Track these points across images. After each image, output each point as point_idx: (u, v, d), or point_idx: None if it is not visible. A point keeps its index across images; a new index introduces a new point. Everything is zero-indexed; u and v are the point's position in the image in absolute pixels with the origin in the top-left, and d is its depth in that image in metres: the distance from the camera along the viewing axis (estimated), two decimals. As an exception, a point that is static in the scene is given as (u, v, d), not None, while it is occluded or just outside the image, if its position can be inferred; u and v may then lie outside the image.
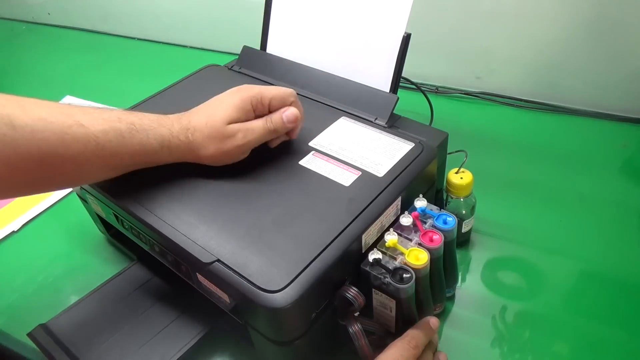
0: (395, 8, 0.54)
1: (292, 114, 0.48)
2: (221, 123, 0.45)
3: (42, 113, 0.39)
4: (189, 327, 0.49)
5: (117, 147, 0.42)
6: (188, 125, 0.46)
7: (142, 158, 0.44)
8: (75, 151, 0.40)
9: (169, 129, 0.45)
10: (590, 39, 0.71)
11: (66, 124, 0.40)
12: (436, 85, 0.84)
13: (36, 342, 0.48)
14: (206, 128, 0.45)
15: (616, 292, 0.52)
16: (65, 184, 0.46)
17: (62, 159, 0.40)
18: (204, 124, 0.46)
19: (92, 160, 0.42)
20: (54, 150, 0.39)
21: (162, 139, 0.44)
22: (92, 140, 0.41)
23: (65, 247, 0.63)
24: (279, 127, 0.48)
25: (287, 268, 0.39)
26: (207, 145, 0.45)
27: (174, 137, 0.45)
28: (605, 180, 0.65)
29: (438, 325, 0.45)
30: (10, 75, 1.07)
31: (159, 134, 0.44)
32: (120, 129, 0.42)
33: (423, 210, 0.46)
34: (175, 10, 1.05)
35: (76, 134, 0.40)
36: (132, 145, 0.43)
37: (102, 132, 0.41)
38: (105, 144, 0.41)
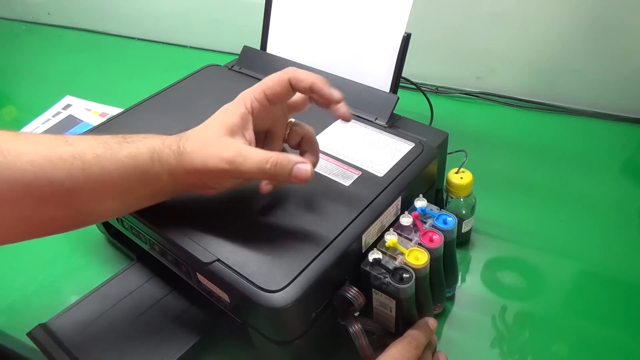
0: (395, 8, 0.54)
1: (303, 174, 0.38)
2: (215, 133, 0.39)
3: (34, 138, 0.38)
4: (189, 327, 0.49)
5: (106, 162, 0.38)
6: (182, 135, 0.41)
7: (135, 176, 0.39)
8: (63, 170, 0.37)
9: (160, 139, 0.40)
10: (591, 39, 0.71)
11: (54, 144, 0.38)
12: (436, 85, 0.84)
13: (36, 342, 0.48)
14: (198, 137, 0.40)
15: (616, 292, 0.52)
16: (62, 225, 0.41)
17: (49, 183, 0.36)
18: (198, 132, 0.41)
19: (83, 183, 0.38)
20: (41, 170, 0.36)
21: (152, 149, 0.39)
22: (77, 158, 0.37)
23: (65, 247, 0.63)
24: (280, 177, 0.38)
25: (287, 268, 0.39)
26: (194, 157, 0.39)
27: (165, 146, 0.40)
28: (606, 180, 0.65)
29: (436, 325, 0.45)
30: (10, 75, 1.07)
31: (149, 144, 0.40)
32: (108, 142, 0.39)
33: (423, 210, 0.46)
34: (175, 10, 1.05)
35: (63, 153, 0.37)
36: (122, 158, 0.39)
37: (89, 147, 0.38)
38: (93, 159, 0.38)
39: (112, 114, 0.84)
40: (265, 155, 0.38)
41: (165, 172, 0.40)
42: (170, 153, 0.40)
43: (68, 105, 0.91)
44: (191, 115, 0.58)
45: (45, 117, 0.88)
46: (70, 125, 0.86)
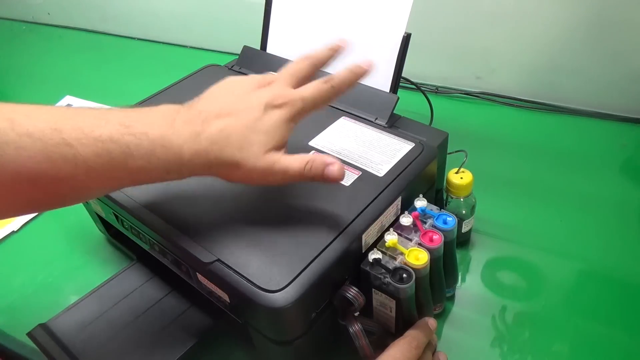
0: (395, 8, 0.54)
1: (334, 173, 0.39)
2: (263, 148, 0.38)
3: (29, 127, 0.35)
4: (189, 327, 0.49)
5: (113, 171, 0.37)
6: (209, 147, 0.38)
7: (147, 181, 0.39)
8: (67, 173, 0.36)
9: (176, 155, 0.37)
10: (590, 39, 0.71)
11: (53, 142, 0.35)
12: (436, 85, 0.84)
13: (36, 342, 0.48)
14: (240, 149, 0.38)
15: (616, 292, 0.52)
16: (67, 203, 0.40)
17: (54, 181, 0.35)
18: (239, 142, 0.38)
19: (87, 183, 0.37)
20: (44, 171, 0.35)
21: (167, 166, 0.38)
22: (81, 163, 0.35)
23: (65, 247, 0.63)
24: (315, 178, 0.40)
25: (287, 268, 0.39)
26: (233, 170, 0.39)
27: (184, 163, 0.38)
28: (605, 180, 0.65)
29: (436, 325, 0.45)
30: (10, 75, 1.07)
31: (163, 161, 0.37)
32: (113, 154, 0.36)
33: (423, 210, 0.46)
34: (175, 10, 1.05)
35: (65, 155, 0.35)
36: (131, 170, 0.37)
37: (93, 155, 0.36)
38: (98, 167, 0.36)
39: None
40: (303, 161, 0.39)
41: (186, 176, 0.39)
42: (193, 167, 0.38)
43: (68, 105, 0.91)
44: (191, 115, 0.58)
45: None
46: (70, 125, 0.85)
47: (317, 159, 0.40)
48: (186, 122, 0.38)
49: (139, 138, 0.37)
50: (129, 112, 0.39)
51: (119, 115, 0.38)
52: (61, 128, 0.35)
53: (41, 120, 0.35)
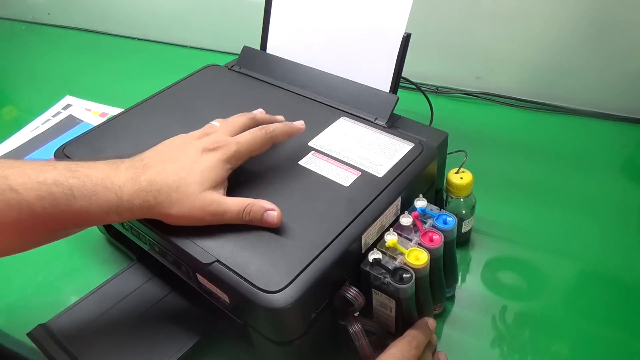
0: (395, 8, 0.54)
1: (272, 220, 0.42)
2: (197, 189, 0.41)
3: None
4: (189, 327, 0.49)
5: (57, 214, 0.38)
6: (148, 187, 0.40)
7: (88, 223, 0.41)
8: (12, 219, 0.37)
9: (116, 194, 0.39)
10: (590, 38, 0.71)
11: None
12: (436, 85, 0.84)
13: (36, 342, 0.48)
14: (176, 193, 0.40)
15: (616, 292, 0.52)
16: (16, 250, 0.41)
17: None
18: (174, 187, 0.40)
19: (33, 228, 0.38)
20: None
21: (107, 206, 0.39)
22: (25, 208, 0.37)
23: (65, 247, 0.63)
24: (254, 221, 0.42)
25: (287, 268, 0.39)
26: (175, 210, 0.40)
27: (123, 202, 0.39)
28: (606, 180, 0.65)
29: (436, 325, 0.45)
30: (10, 75, 1.07)
31: (103, 201, 0.39)
32: (55, 196, 0.38)
33: (423, 210, 0.46)
34: (175, 10, 1.05)
35: (9, 201, 0.37)
36: (73, 211, 0.38)
37: (37, 198, 0.37)
38: (42, 211, 0.37)
39: (112, 114, 0.84)
40: (242, 205, 0.42)
41: (126, 218, 0.41)
42: (132, 208, 0.40)
43: (68, 105, 0.91)
44: (191, 115, 0.58)
45: (45, 117, 0.88)
46: (70, 125, 0.86)
47: (256, 204, 0.42)
48: (128, 167, 0.41)
49: (82, 180, 0.39)
50: (77, 161, 0.41)
51: (66, 163, 0.41)
52: (7, 175, 0.37)
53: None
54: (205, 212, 0.41)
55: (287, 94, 0.60)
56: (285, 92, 0.60)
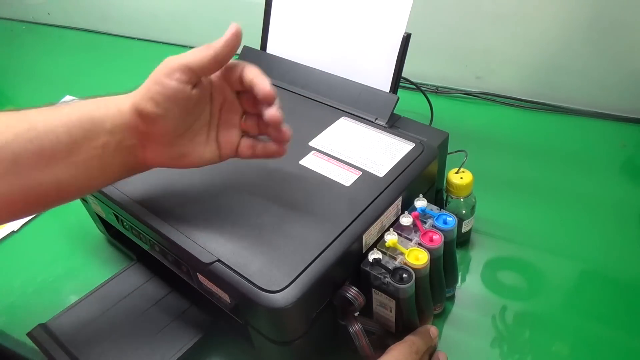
0: (395, 8, 0.54)
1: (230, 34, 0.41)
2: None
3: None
4: (189, 327, 0.49)
5: (50, 117, 0.37)
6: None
7: (79, 126, 0.38)
8: (9, 134, 0.36)
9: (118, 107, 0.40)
10: (590, 39, 0.71)
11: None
12: (436, 85, 0.84)
13: (36, 342, 0.48)
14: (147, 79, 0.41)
15: (616, 292, 0.52)
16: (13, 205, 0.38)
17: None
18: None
19: (28, 142, 0.36)
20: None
21: (98, 99, 0.40)
22: (23, 120, 0.37)
23: (65, 247, 0.63)
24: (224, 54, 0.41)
25: (288, 268, 0.39)
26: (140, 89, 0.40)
27: (111, 96, 0.40)
28: (605, 180, 0.65)
29: (437, 333, 0.46)
30: (10, 75, 1.07)
31: (91, 102, 0.40)
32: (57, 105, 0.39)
33: (423, 210, 0.46)
34: (175, 10, 1.05)
35: (9, 120, 0.36)
36: (67, 111, 0.38)
37: (37, 110, 0.38)
38: (39, 117, 0.37)
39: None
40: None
41: (110, 117, 0.39)
42: (118, 96, 0.40)
43: (68, 105, 0.91)
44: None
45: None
46: (70, 125, 0.85)
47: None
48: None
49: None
50: None
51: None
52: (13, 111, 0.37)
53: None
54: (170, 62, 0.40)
55: (287, 94, 0.60)
56: (286, 92, 0.60)
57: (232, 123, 0.44)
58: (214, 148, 0.44)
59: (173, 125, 0.40)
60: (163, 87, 0.39)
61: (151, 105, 0.39)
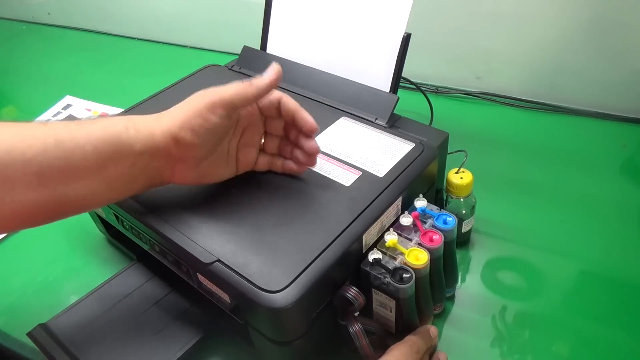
0: (395, 8, 0.54)
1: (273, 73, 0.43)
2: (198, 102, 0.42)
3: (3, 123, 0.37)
4: (189, 327, 0.49)
5: (78, 135, 0.38)
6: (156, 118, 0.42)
7: (107, 146, 0.39)
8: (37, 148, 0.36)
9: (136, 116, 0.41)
10: (590, 39, 0.71)
11: (26, 126, 0.37)
12: (436, 85, 0.84)
13: (36, 342, 0.48)
14: (182, 106, 0.42)
15: (616, 292, 0.52)
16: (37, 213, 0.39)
17: (21, 161, 0.36)
18: (176, 111, 0.42)
19: (55, 159, 0.37)
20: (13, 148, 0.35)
21: (127, 119, 0.40)
22: (50, 135, 0.37)
23: (65, 247, 0.63)
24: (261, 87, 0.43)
25: (288, 268, 0.39)
26: (174, 114, 0.42)
27: (140, 117, 0.41)
28: (606, 180, 0.65)
29: (437, 333, 0.46)
30: (10, 75, 1.07)
31: (124, 117, 0.41)
32: (81, 121, 0.39)
33: (423, 210, 0.46)
34: (175, 10, 1.05)
35: (36, 132, 0.37)
36: (95, 129, 0.39)
37: (63, 125, 0.38)
38: (66, 134, 0.37)
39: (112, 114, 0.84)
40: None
41: (140, 140, 0.40)
42: (146, 119, 0.41)
43: (68, 105, 0.91)
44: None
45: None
46: (70, 125, 0.85)
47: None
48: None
49: (110, 117, 0.41)
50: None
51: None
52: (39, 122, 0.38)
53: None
54: (206, 98, 0.41)
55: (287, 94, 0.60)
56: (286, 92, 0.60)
57: (253, 143, 0.47)
58: (233, 165, 0.46)
59: (206, 152, 0.43)
60: (205, 121, 0.41)
61: (191, 135, 0.41)
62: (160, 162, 0.42)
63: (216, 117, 0.41)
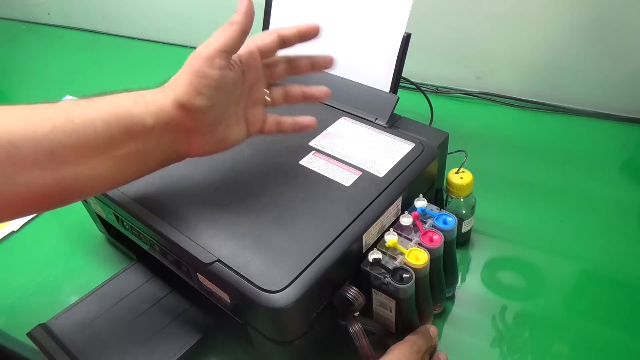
0: (395, 8, 0.54)
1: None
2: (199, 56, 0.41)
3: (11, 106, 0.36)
4: (189, 327, 0.49)
5: (89, 111, 0.37)
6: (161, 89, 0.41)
7: (118, 122, 0.38)
8: (46, 126, 0.35)
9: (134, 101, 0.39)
10: (591, 39, 0.71)
11: (36, 105, 0.37)
12: (436, 85, 0.84)
13: (36, 342, 0.48)
14: (182, 72, 0.41)
15: (616, 292, 0.52)
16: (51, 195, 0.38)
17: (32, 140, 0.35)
18: (179, 72, 0.41)
19: (67, 136, 0.36)
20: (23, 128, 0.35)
21: (135, 94, 0.40)
22: (61, 113, 0.36)
23: (65, 247, 0.63)
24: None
25: (288, 268, 0.39)
26: (178, 76, 0.41)
27: (148, 91, 0.41)
28: (606, 180, 0.65)
29: (437, 333, 0.46)
30: (10, 75, 1.07)
31: (132, 92, 0.40)
32: (91, 97, 0.39)
33: (423, 210, 0.46)
34: (175, 10, 1.05)
35: (46, 111, 0.36)
36: (105, 105, 0.38)
37: (72, 103, 0.38)
38: (76, 111, 0.37)
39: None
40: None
41: (150, 114, 0.39)
42: (153, 93, 0.40)
43: (68, 105, 0.91)
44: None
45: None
46: (70, 125, 0.85)
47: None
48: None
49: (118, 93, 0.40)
50: None
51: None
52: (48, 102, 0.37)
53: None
54: (210, 46, 0.42)
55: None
56: (286, 92, 0.60)
57: (258, 99, 0.45)
58: (243, 127, 0.44)
59: (220, 114, 0.41)
60: (208, 78, 0.39)
61: (200, 99, 0.39)
62: (174, 135, 0.40)
63: (217, 70, 0.40)
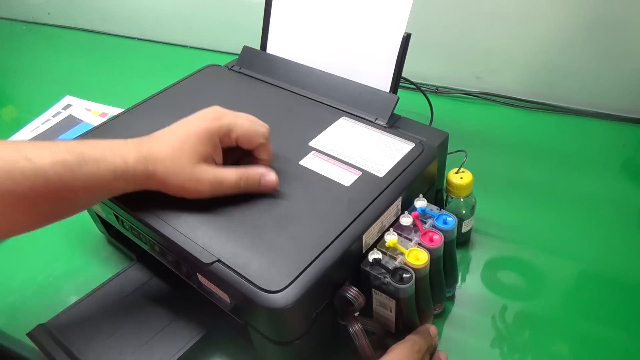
0: (395, 8, 0.54)
1: (271, 183, 0.45)
2: (189, 161, 0.42)
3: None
4: (189, 327, 0.49)
5: (68, 180, 0.39)
6: (148, 155, 0.42)
7: (97, 190, 0.42)
8: (26, 188, 0.38)
9: (122, 159, 0.41)
10: (590, 39, 0.71)
11: (13, 159, 0.38)
12: (436, 85, 0.84)
13: (36, 342, 0.48)
14: (171, 162, 0.42)
15: (616, 292, 0.52)
16: (26, 226, 0.41)
17: (13, 197, 0.38)
18: (169, 157, 0.42)
19: (45, 196, 0.39)
20: (4, 187, 0.37)
21: (114, 170, 0.41)
22: (40, 175, 0.38)
23: (65, 247, 0.63)
24: (252, 189, 0.45)
25: (288, 268, 0.39)
26: (169, 181, 0.43)
27: (129, 168, 0.42)
28: (605, 180, 0.65)
29: (437, 332, 0.46)
30: (10, 75, 1.07)
31: (111, 164, 0.41)
32: (68, 161, 0.40)
33: (423, 210, 0.46)
34: (175, 10, 1.05)
35: (24, 169, 0.38)
36: (83, 177, 0.40)
37: (50, 165, 0.39)
38: (54, 177, 0.39)
39: (112, 114, 0.84)
40: (237, 174, 0.44)
41: (134, 188, 0.43)
42: (136, 174, 0.42)
43: (68, 105, 0.91)
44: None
45: (45, 117, 0.88)
46: (70, 125, 0.86)
47: (252, 170, 0.45)
48: (134, 140, 0.44)
49: (92, 147, 0.42)
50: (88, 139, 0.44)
51: (76, 139, 0.45)
52: (22, 147, 0.40)
53: (7, 147, 0.39)
54: (201, 183, 0.43)
55: (288, 94, 0.60)
56: (286, 92, 0.60)
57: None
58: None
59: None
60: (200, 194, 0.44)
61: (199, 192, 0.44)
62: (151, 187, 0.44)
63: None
